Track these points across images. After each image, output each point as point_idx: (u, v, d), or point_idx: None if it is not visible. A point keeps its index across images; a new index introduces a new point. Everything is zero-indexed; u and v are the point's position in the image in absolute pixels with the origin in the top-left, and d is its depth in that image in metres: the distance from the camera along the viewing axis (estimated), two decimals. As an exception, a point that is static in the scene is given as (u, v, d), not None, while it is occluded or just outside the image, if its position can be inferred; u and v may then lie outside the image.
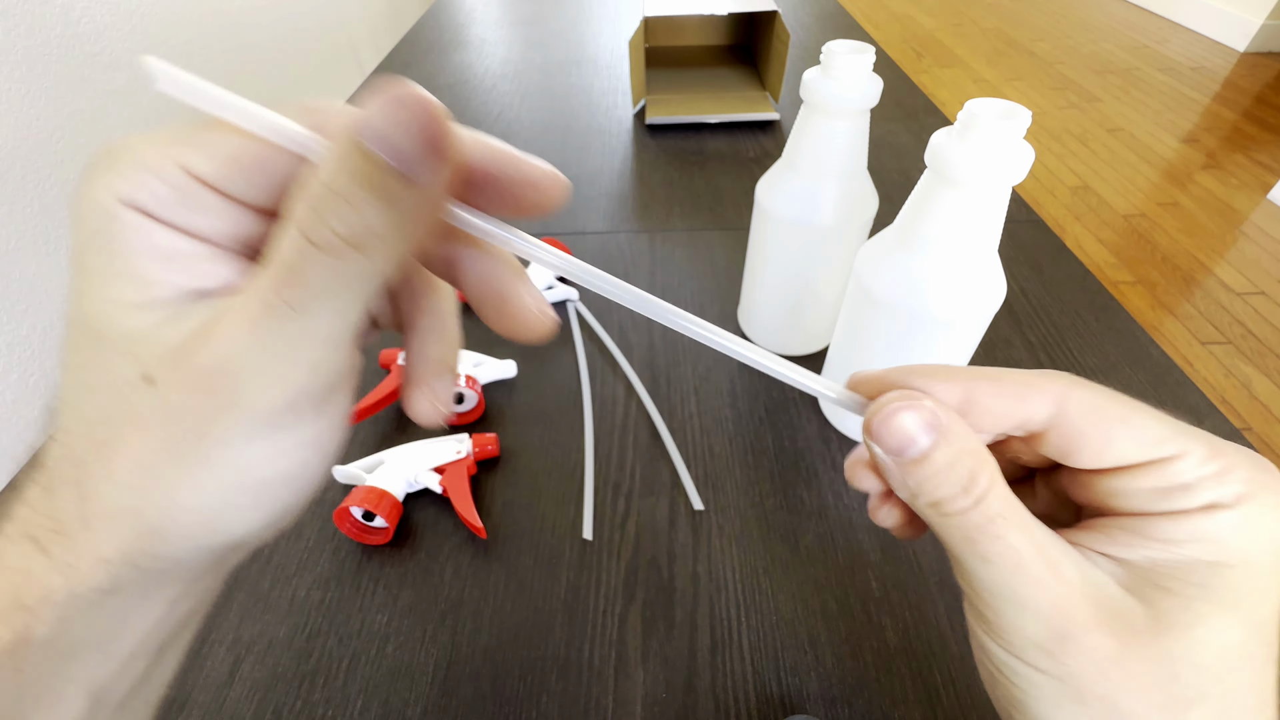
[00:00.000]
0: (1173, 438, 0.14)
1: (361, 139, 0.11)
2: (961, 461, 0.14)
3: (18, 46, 0.81)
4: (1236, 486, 0.14)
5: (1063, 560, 0.14)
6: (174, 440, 0.12)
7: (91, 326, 0.13)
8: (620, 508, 0.34)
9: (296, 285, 0.12)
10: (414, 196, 0.12)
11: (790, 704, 0.27)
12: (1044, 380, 0.15)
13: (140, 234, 0.12)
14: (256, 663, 0.29)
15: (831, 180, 0.34)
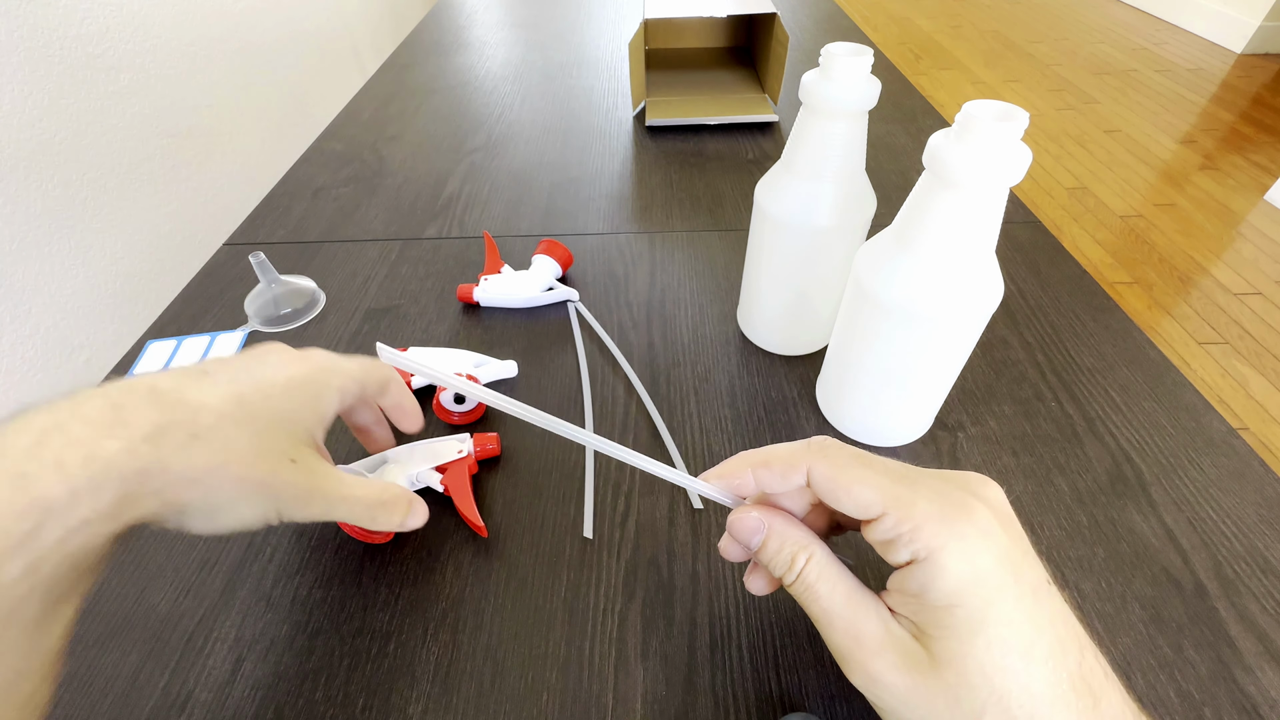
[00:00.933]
0: (879, 500, 0.19)
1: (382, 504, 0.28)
2: (785, 548, 0.21)
3: (20, 48, 0.81)
4: (925, 541, 0.18)
5: (869, 618, 0.20)
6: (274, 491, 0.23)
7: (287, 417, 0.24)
8: (620, 507, 0.35)
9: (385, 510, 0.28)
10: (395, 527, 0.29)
11: (789, 701, 0.27)
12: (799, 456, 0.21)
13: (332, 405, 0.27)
14: (259, 661, 0.29)
15: (830, 181, 0.34)
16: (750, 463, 0.22)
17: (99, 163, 0.92)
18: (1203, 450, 0.37)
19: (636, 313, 0.47)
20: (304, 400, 0.25)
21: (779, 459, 0.22)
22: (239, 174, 1.22)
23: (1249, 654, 0.28)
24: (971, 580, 0.18)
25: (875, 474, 0.20)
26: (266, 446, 0.22)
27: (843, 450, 0.21)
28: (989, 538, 0.18)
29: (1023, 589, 0.18)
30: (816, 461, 0.21)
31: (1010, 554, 0.18)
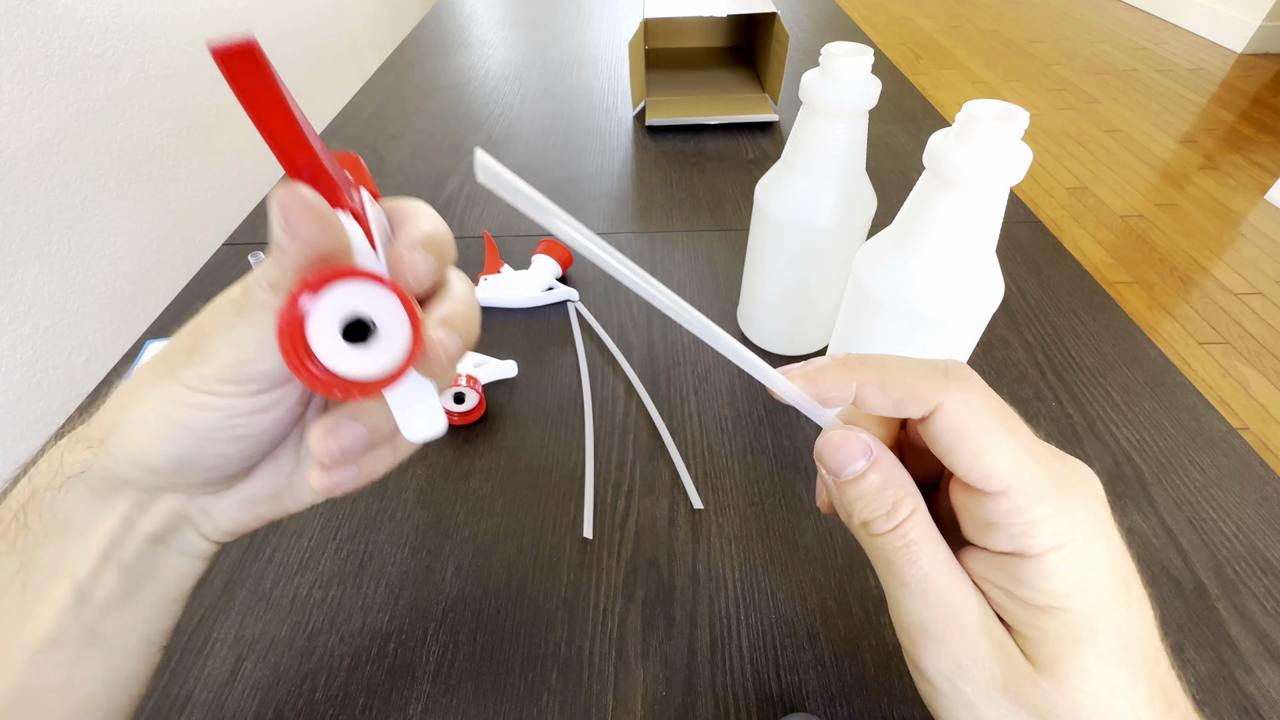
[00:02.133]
0: (1009, 481, 0.16)
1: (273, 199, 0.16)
2: (888, 489, 0.17)
3: (20, 48, 0.81)
4: (1042, 538, 0.15)
5: (969, 598, 0.16)
6: (159, 368, 0.18)
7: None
8: (620, 507, 0.35)
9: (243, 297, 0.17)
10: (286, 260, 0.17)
11: (789, 702, 0.27)
12: (933, 386, 0.16)
13: None
14: (258, 661, 0.29)
15: (830, 181, 0.34)
16: (857, 374, 0.17)
17: (99, 163, 0.92)
18: (1203, 450, 0.37)
19: (636, 313, 0.47)
20: None
21: (901, 382, 0.17)
22: (239, 174, 1.22)
23: (1249, 654, 0.28)
24: (1084, 587, 0.15)
25: (1016, 446, 0.16)
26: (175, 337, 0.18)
27: (988, 397, 0.16)
28: (1106, 541, 0.16)
29: (1131, 598, 0.16)
30: (954, 401, 0.16)
31: (1121, 559, 0.16)
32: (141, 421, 0.18)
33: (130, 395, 0.18)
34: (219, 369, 0.17)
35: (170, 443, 0.18)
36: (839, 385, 0.17)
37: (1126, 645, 0.16)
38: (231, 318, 0.17)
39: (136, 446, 0.18)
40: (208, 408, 0.17)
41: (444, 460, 0.37)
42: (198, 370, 0.17)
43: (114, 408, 0.19)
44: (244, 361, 0.17)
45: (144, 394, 0.18)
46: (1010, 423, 0.16)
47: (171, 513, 0.20)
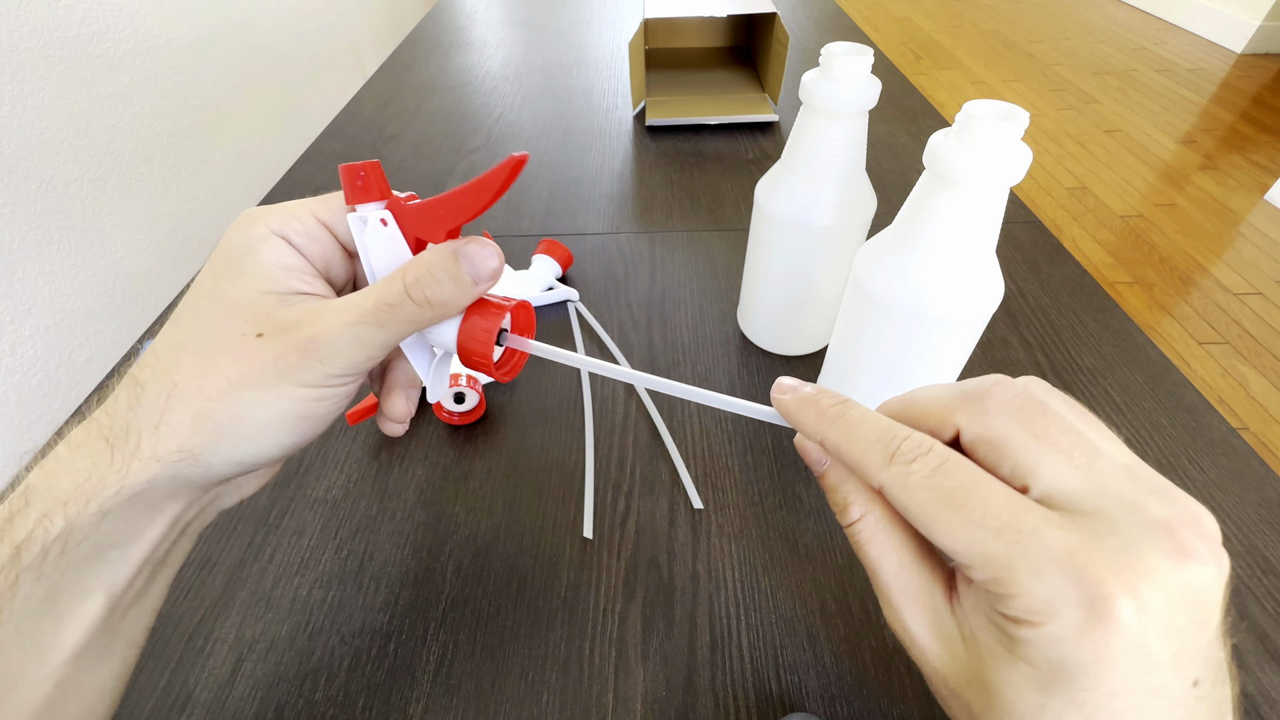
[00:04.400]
0: (966, 558, 0.15)
1: (459, 252, 0.19)
2: (839, 491, 0.19)
3: (20, 48, 0.81)
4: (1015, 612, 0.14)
5: (918, 603, 0.17)
6: (265, 374, 0.18)
7: (224, 297, 0.19)
8: (620, 507, 0.35)
9: (388, 314, 0.19)
10: (465, 297, 0.20)
11: (789, 702, 0.27)
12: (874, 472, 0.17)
13: (277, 251, 0.20)
14: (259, 661, 0.29)
15: (830, 181, 0.34)
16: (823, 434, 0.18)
17: (99, 163, 0.92)
18: (1203, 450, 0.37)
19: (636, 313, 0.47)
20: (236, 268, 0.20)
21: (850, 456, 0.17)
22: (239, 174, 1.22)
23: (1249, 654, 0.28)
24: (1061, 667, 0.14)
25: (969, 524, 0.15)
26: (215, 343, 0.19)
27: (943, 475, 0.16)
28: (1119, 638, 0.14)
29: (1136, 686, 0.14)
30: (896, 491, 0.16)
31: (1151, 661, 0.14)
32: (264, 425, 0.19)
33: (235, 405, 0.18)
34: (342, 366, 0.19)
35: (291, 434, 0.20)
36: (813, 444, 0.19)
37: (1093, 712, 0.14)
38: (359, 328, 0.19)
39: (255, 447, 0.19)
40: (326, 399, 0.20)
41: (444, 460, 0.37)
42: (318, 372, 0.19)
43: (212, 419, 0.18)
44: (368, 360, 0.20)
45: (255, 401, 0.19)
46: (960, 496, 0.15)
47: (212, 498, 0.21)
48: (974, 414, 0.17)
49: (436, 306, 0.19)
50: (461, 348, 0.21)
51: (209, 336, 0.19)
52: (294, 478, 0.36)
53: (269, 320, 0.19)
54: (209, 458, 0.19)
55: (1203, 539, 0.14)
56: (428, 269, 0.19)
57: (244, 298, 0.19)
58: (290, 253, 0.20)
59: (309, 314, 0.19)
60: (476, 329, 0.21)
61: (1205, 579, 0.14)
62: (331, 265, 0.22)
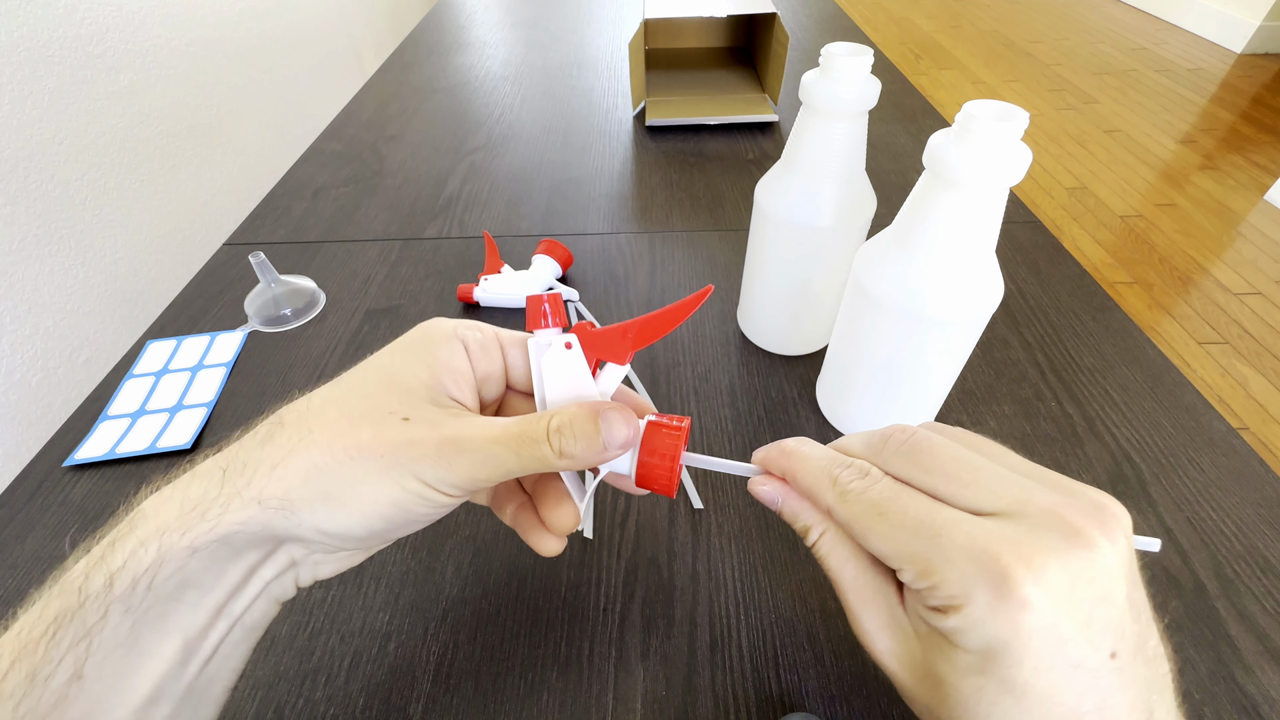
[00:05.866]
0: (893, 559, 0.18)
1: (602, 416, 0.20)
2: (799, 519, 0.22)
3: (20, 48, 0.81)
4: (940, 600, 0.17)
5: (876, 603, 0.20)
6: (394, 455, 0.19)
7: (390, 375, 0.21)
8: (620, 506, 0.35)
9: (527, 446, 0.20)
10: (597, 459, 0.20)
11: (789, 701, 0.27)
12: (821, 493, 0.21)
13: (453, 352, 0.22)
14: (259, 661, 0.29)
15: (830, 181, 0.34)
16: (783, 469, 0.22)
17: (99, 163, 0.92)
18: (1203, 450, 0.37)
19: (636, 313, 0.47)
20: (412, 355, 0.21)
21: (803, 483, 0.21)
22: (239, 174, 1.22)
23: (1249, 654, 0.29)
24: (984, 647, 0.16)
25: (893, 528, 0.18)
26: (365, 410, 0.20)
27: (866, 493, 0.19)
28: (1030, 615, 0.15)
29: (1055, 661, 0.16)
30: (837, 508, 0.20)
31: (1061, 635, 0.16)
32: (367, 502, 0.19)
33: (352, 470, 0.19)
34: (463, 479, 0.19)
35: (384, 521, 0.19)
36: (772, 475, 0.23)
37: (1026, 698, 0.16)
38: (496, 446, 0.19)
39: (348, 520, 0.19)
40: (432, 502, 0.20)
41: (444, 460, 0.37)
42: (443, 474, 0.19)
43: (326, 476, 0.19)
44: (490, 480, 0.20)
45: (372, 474, 0.19)
46: (893, 506, 0.18)
47: (289, 561, 0.20)
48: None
49: (567, 458, 0.20)
50: (643, 475, 0.22)
51: (361, 402, 0.20)
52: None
53: (421, 410, 0.20)
54: (304, 515, 0.19)
55: (1089, 518, 0.16)
56: (570, 422, 0.20)
57: (407, 382, 0.20)
58: (463, 359, 0.22)
59: (457, 419, 0.20)
60: (660, 463, 0.22)
61: (1097, 556, 0.16)
62: (488, 382, 0.23)
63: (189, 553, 0.18)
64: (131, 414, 0.40)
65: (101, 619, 0.17)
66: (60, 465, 0.37)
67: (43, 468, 0.37)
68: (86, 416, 0.40)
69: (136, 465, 0.37)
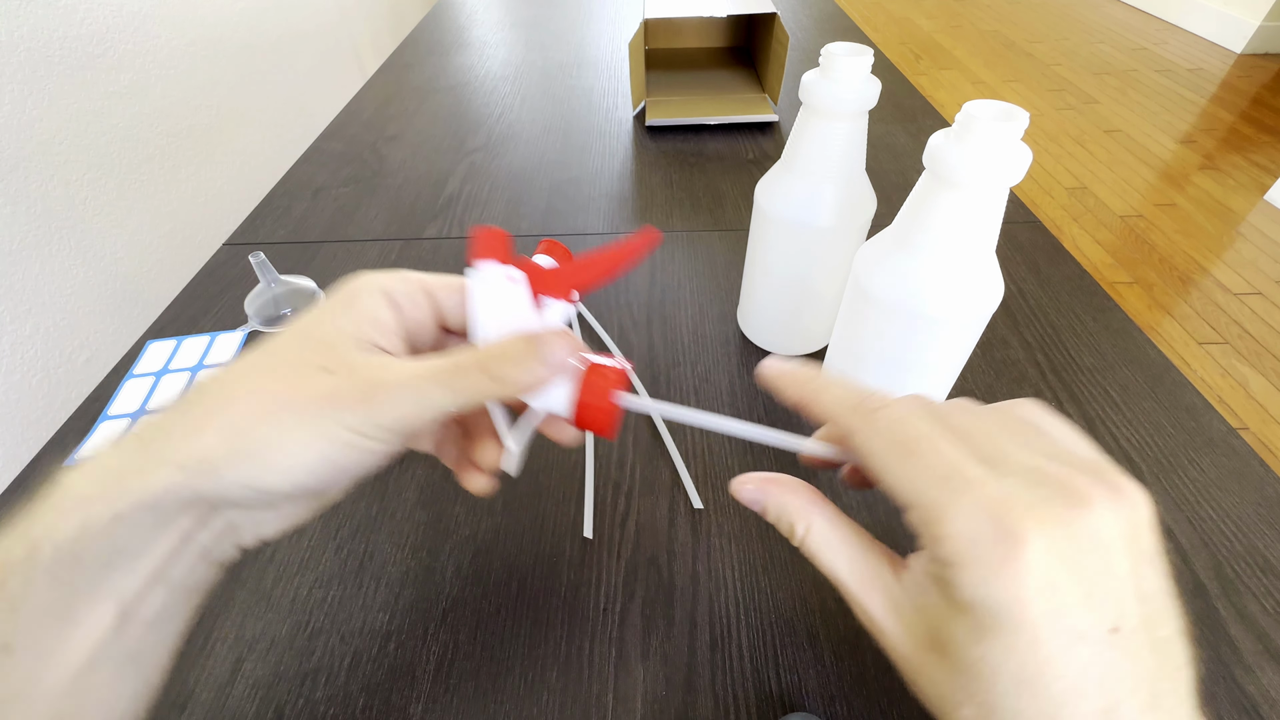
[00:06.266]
0: (905, 499, 0.17)
1: (539, 341, 0.20)
2: (783, 518, 0.21)
3: (21, 48, 0.81)
4: (943, 555, 0.16)
5: (873, 588, 0.19)
6: (314, 404, 0.18)
7: (309, 334, 0.20)
8: (620, 506, 0.35)
9: (459, 378, 0.19)
10: (536, 383, 0.20)
11: (789, 701, 0.27)
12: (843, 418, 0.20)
13: (374, 304, 0.21)
14: (259, 661, 0.29)
15: (830, 181, 0.34)
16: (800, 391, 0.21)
17: (99, 163, 0.92)
18: (1203, 450, 0.37)
19: (636, 313, 0.47)
20: (332, 311, 0.21)
21: (824, 405, 0.20)
22: (239, 174, 1.22)
23: (1249, 654, 0.29)
24: (987, 609, 0.16)
25: (920, 468, 0.17)
26: (283, 367, 0.19)
27: (899, 424, 0.18)
28: (1030, 578, 0.15)
29: (1057, 628, 0.15)
30: (862, 431, 0.19)
31: (1062, 602, 0.15)
32: (291, 456, 0.18)
33: (272, 426, 0.18)
34: (389, 421, 0.19)
35: (313, 474, 0.19)
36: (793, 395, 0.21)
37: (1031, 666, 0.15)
38: (427, 384, 0.19)
39: (273, 476, 0.18)
40: (362, 449, 0.19)
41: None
42: (369, 418, 0.18)
43: (245, 435, 0.18)
44: (421, 420, 0.19)
45: (292, 426, 0.18)
46: (917, 445, 0.18)
47: (227, 524, 0.20)
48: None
49: (504, 384, 0.20)
50: (582, 414, 0.22)
51: (280, 361, 0.19)
52: (294, 478, 0.36)
53: (340, 360, 0.19)
54: (227, 473, 0.18)
55: (1098, 490, 0.16)
56: (503, 347, 0.20)
57: (327, 337, 0.20)
58: (385, 309, 0.21)
59: (380, 364, 0.20)
60: (598, 399, 0.21)
61: (1102, 524, 0.16)
62: (420, 333, 0.23)
63: (114, 520, 0.17)
64: (132, 414, 0.40)
65: (25, 588, 0.17)
66: (61, 465, 0.37)
67: (43, 468, 0.37)
68: (86, 416, 0.40)
69: (136, 465, 0.37)
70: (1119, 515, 0.16)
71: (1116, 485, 0.16)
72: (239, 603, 0.31)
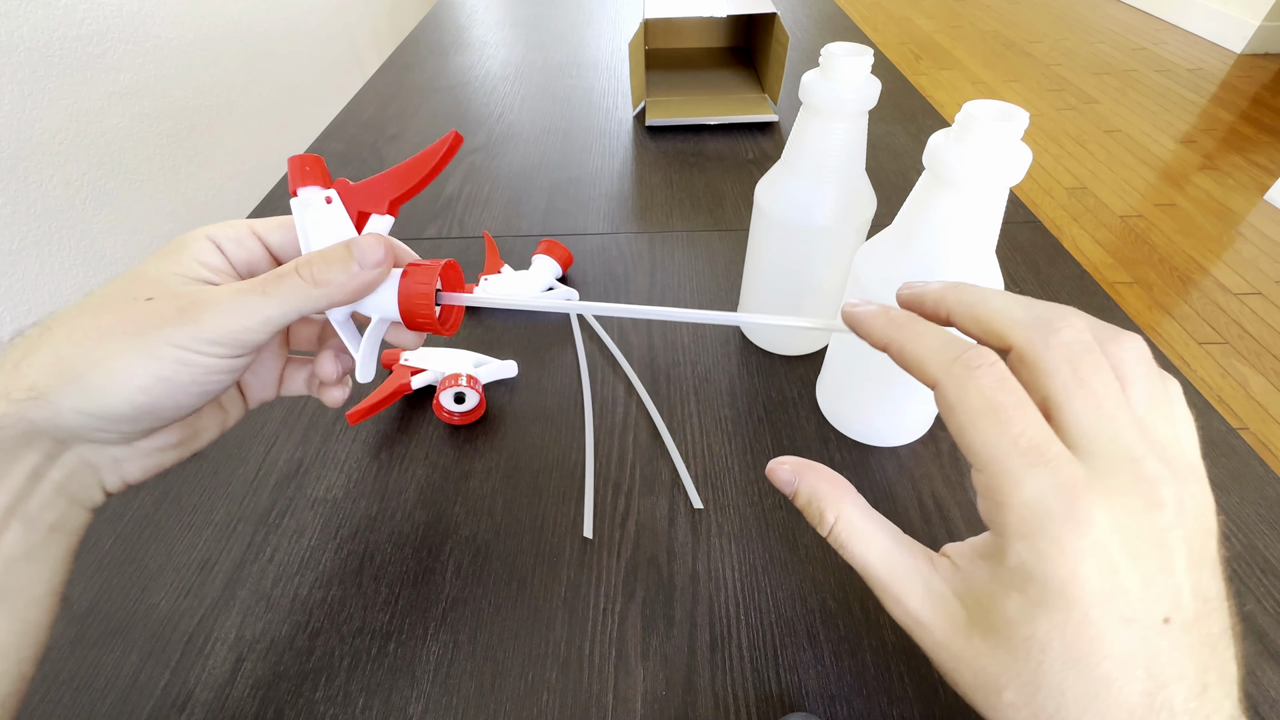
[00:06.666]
0: (979, 450, 0.17)
1: (351, 242, 0.22)
2: (813, 504, 0.20)
3: (20, 48, 0.81)
4: (1002, 531, 0.16)
5: (908, 577, 0.19)
6: (138, 326, 0.19)
7: (137, 274, 0.21)
8: (620, 506, 0.35)
9: (276, 283, 0.20)
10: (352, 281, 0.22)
11: (789, 701, 0.27)
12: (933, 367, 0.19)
13: (202, 249, 0.22)
14: (259, 661, 0.29)
15: (830, 181, 0.34)
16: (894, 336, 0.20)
17: (99, 163, 0.92)
18: (1203, 450, 0.37)
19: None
20: (161, 257, 0.22)
21: (918, 350, 0.19)
22: (239, 174, 1.22)
23: (1249, 654, 0.29)
24: (1042, 583, 0.16)
25: (1004, 439, 0.16)
26: (106, 301, 0.20)
27: (995, 388, 0.17)
28: (1091, 558, 0.15)
29: (1107, 610, 0.15)
30: (950, 387, 0.18)
31: (1119, 585, 0.15)
32: (119, 374, 0.19)
33: (96, 349, 0.19)
34: (218, 333, 0.19)
35: (147, 394, 0.19)
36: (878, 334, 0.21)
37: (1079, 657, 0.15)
38: (246, 294, 0.20)
39: (105, 398, 0.19)
40: (193, 365, 0.20)
41: (444, 460, 0.37)
42: (191, 332, 0.19)
43: (69, 360, 0.19)
44: (247, 330, 0.20)
45: (118, 349, 0.19)
46: (1005, 412, 0.17)
47: (81, 462, 0.20)
48: (1034, 343, 0.18)
49: (322, 285, 0.21)
50: (404, 306, 0.23)
51: (105, 296, 0.20)
52: (294, 477, 0.36)
53: (164, 290, 0.20)
54: (58, 400, 0.18)
55: (1178, 491, 0.16)
56: (320, 254, 0.21)
57: (153, 275, 0.21)
58: (214, 253, 0.22)
59: (201, 288, 0.20)
60: (415, 288, 0.23)
61: (1168, 524, 0.16)
62: (253, 270, 0.24)
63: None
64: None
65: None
66: None
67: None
68: None
69: (136, 465, 0.37)
70: (1184, 520, 0.16)
71: (1192, 491, 0.17)
72: (239, 603, 0.31)
